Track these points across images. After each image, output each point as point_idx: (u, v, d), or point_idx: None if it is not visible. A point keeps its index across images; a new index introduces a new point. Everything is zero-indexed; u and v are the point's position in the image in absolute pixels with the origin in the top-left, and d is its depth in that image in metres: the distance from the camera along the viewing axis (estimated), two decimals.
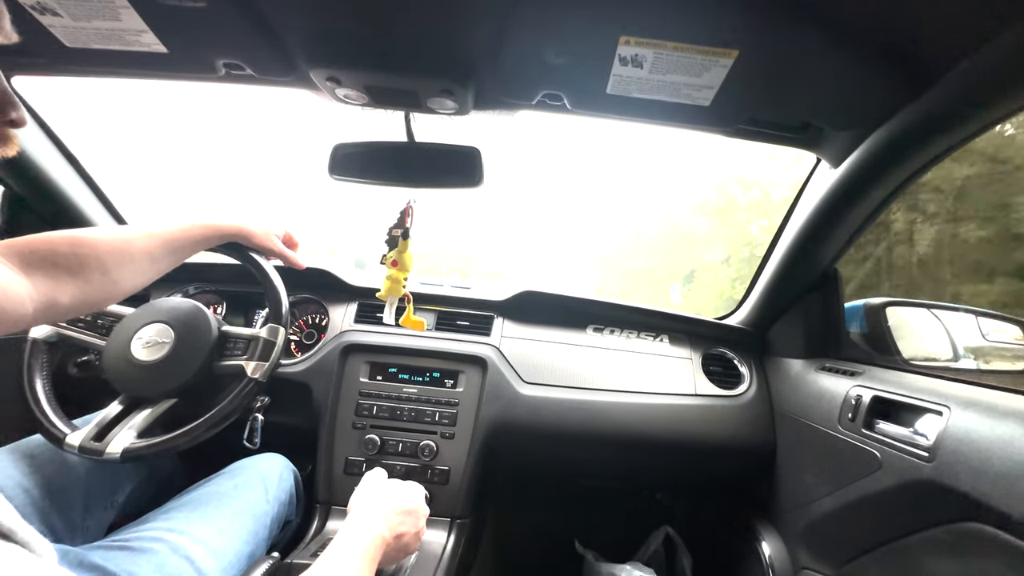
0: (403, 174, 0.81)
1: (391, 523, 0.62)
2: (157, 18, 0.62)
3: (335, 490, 0.95)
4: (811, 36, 0.57)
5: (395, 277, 0.82)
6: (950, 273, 1.72)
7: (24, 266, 0.53)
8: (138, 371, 0.75)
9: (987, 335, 0.99)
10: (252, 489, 0.76)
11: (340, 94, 0.72)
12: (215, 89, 0.80)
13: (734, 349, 1.15)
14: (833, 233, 0.90)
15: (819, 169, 0.89)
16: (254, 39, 0.65)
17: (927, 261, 1.72)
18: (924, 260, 1.72)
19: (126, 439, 0.69)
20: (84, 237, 0.60)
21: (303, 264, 0.87)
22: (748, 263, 3.14)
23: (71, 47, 0.67)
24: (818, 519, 0.86)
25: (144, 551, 0.60)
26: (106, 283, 0.61)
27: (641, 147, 4.72)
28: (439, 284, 1.22)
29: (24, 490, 0.66)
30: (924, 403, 0.68)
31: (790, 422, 0.98)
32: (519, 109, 0.78)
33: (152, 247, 0.66)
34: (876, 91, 0.65)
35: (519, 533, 1.36)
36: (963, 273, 1.69)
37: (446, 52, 0.65)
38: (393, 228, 0.82)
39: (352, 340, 1.04)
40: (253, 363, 0.76)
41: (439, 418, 0.99)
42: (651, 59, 0.61)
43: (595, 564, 1.19)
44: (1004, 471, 0.54)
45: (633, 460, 1.11)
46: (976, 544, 0.57)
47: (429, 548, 0.85)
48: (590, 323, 1.16)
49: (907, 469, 0.66)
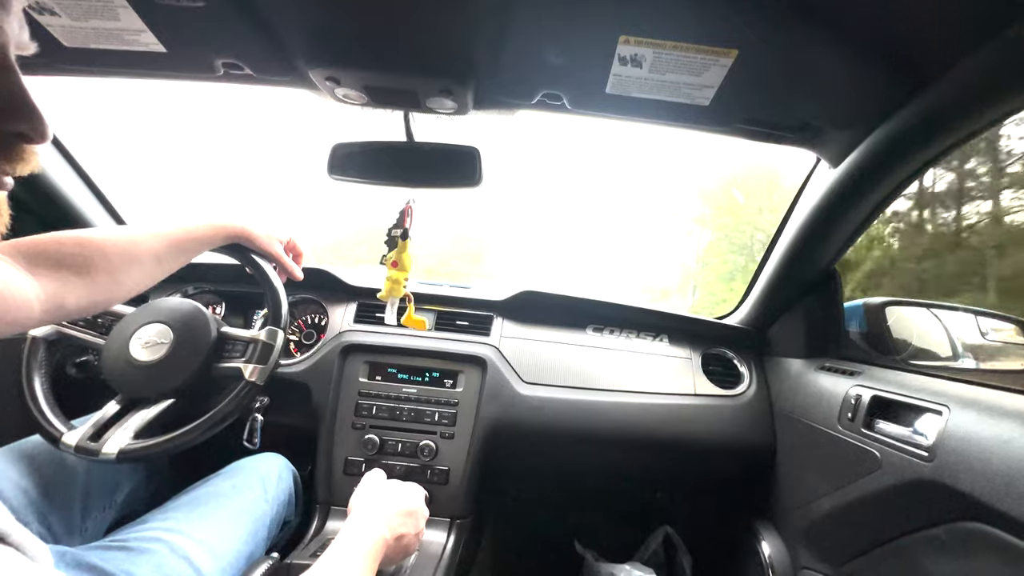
0: (402, 174, 0.81)
1: (392, 524, 0.62)
2: (156, 18, 0.61)
3: (334, 490, 0.95)
4: (811, 36, 0.57)
5: (395, 278, 0.82)
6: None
7: (30, 266, 0.53)
8: (136, 371, 0.75)
9: (987, 334, 0.99)
10: (251, 489, 0.76)
11: (339, 94, 0.72)
12: (215, 89, 0.80)
13: (734, 349, 1.15)
14: (832, 233, 0.90)
15: (818, 168, 0.89)
16: (253, 39, 0.65)
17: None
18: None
19: (123, 439, 0.69)
20: (90, 237, 0.60)
21: (300, 275, 0.87)
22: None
23: (69, 47, 0.67)
24: (818, 519, 0.86)
25: (142, 551, 0.60)
26: (112, 284, 0.61)
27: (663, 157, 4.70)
28: (438, 284, 1.22)
29: (22, 490, 0.66)
30: (924, 403, 0.68)
31: (790, 422, 0.98)
32: (519, 109, 0.78)
33: (158, 247, 0.66)
34: (875, 90, 0.65)
35: (519, 533, 1.36)
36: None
37: (445, 52, 0.65)
38: (392, 229, 0.82)
39: (351, 340, 1.04)
40: (251, 366, 0.76)
41: (439, 418, 0.99)
42: (650, 59, 0.61)
43: (595, 564, 1.19)
44: (1004, 470, 0.54)
45: (633, 460, 1.11)
46: (976, 544, 0.57)
47: (429, 548, 0.85)
48: (590, 323, 1.16)
49: (907, 469, 0.66)
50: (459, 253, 3.47)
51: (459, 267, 3.31)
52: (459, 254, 3.47)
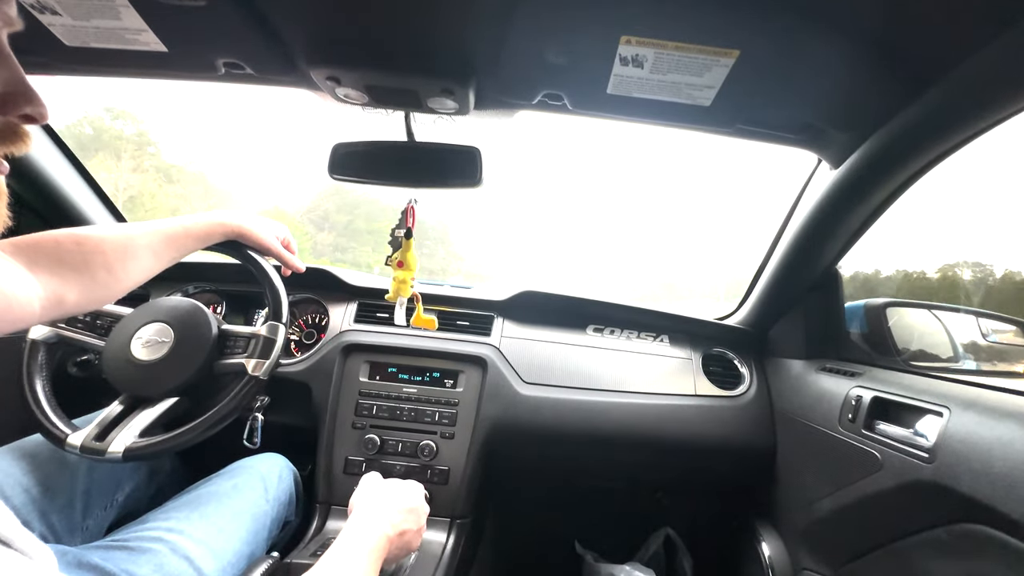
0: (403, 174, 0.81)
1: (394, 521, 0.62)
2: (157, 17, 0.61)
3: (335, 490, 0.95)
4: (812, 36, 0.57)
5: (401, 278, 0.82)
6: None
7: (30, 264, 0.54)
8: (138, 371, 0.75)
9: (987, 335, 0.99)
10: (252, 489, 0.76)
11: (340, 94, 0.72)
12: (216, 89, 0.80)
13: (734, 349, 1.14)
14: (833, 233, 0.90)
15: (819, 169, 0.89)
16: (254, 38, 0.65)
17: None
18: None
19: (128, 438, 0.69)
20: (88, 235, 0.60)
21: (301, 267, 0.87)
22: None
23: (70, 46, 0.67)
24: (818, 520, 0.86)
25: (143, 551, 0.60)
26: (110, 280, 0.61)
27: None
28: (439, 284, 1.22)
29: (24, 489, 0.66)
30: (924, 404, 0.68)
31: (790, 423, 0.98)
32: (519, 109, 0.78)
33: (154, 242, 0.67)
34: (877, 92, 0.65)
35: (519, 533, 1.36)
36: None
37: (446, 52, 0.65)
38: (396, 229, 0.82)
39: (352, 340, 1.04)
40: (253, 361, 0.76)
41: (439, 418, 0.99)
42: (652, 59, 0.61)
43: (595, 565, 1.19)
44: (1005, 472, 0.54)
45: (633, 460, 1.11)
46: (976, 545, 0.57)
47: (429, 548, 0.85)
48: (590, 323, 1.16)
49: (907, 470, 0.66)
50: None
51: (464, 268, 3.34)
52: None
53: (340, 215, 4.72)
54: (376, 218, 4.60)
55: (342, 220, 4.75)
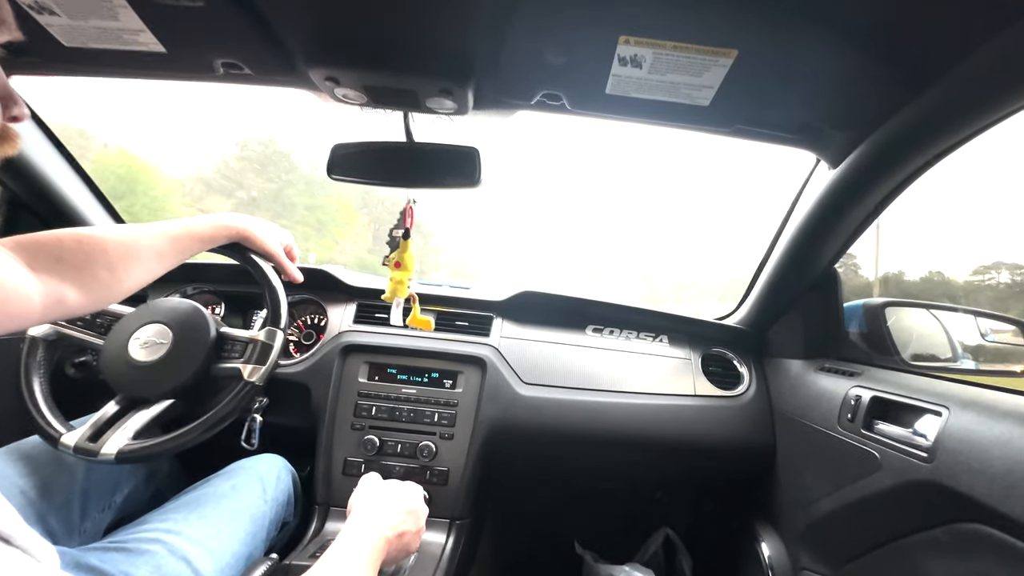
0: (402, 174, 0.81)
1: (393, 522, 0.62)
2: (155, 17, 0.61)
3: (334, 491, 0.95)
4: (811, 36, 0.57)
5: (398, 278, 0.82)
6: None
7: (31, 263, 0.53)
8: (135, 371, 0.75)
9: (986, 335, 0.99)
10: (250, 490, 0.76)
11: (339, 94, 0.72)
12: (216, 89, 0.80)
13: (733, 349, 1.15)
14: (832, 233, 0.90)
15: (818, 169, 0.89)
16: (252, 39, 0.65)
17: None
18: None
19: (121, 440, 0.69)
20: (90, 234, 0.60)
21: (300, 277, 0.87)
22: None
23: (69, 46, 0.67)
24: (818, 520, 0.86)
25: (141, 552, 0.60)
26: (112, 281, 0.61)
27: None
28: (438, 284, 1.22)
29: (21, 491, 0.65)
30: (923, 403, 0.68)
31: (789, 423, 0.98)
32: (518, 109, 0.78)
33: (158, 245, 0.67)
34: (875, 91, 0.65)
35: (518, 534, 1.36)
36: None
37: (445, 52, 0.65)
38: (393, 229, 0.82)
39: (351, 341, 1.04)
40: (250, 366, 0.76)
41: (438, 419, 0.98)
42: (650, 59, 0.61)
43: (594, 565, 1.18)
44: (1003, 471, 0.54)
45: (633, 461, 1.11)
46: (975, 544, 0.57)
47: (428, 549, 0.85)
48: (589, 323, 1.16)
49: (906, 469, 0.66)
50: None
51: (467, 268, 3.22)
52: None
53: (260, 180, 3.45)
54: (317, 194, 3.58)
55: (271, 188, 3.60)
